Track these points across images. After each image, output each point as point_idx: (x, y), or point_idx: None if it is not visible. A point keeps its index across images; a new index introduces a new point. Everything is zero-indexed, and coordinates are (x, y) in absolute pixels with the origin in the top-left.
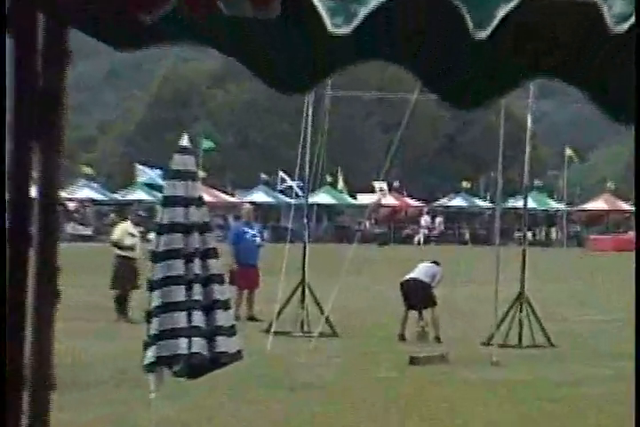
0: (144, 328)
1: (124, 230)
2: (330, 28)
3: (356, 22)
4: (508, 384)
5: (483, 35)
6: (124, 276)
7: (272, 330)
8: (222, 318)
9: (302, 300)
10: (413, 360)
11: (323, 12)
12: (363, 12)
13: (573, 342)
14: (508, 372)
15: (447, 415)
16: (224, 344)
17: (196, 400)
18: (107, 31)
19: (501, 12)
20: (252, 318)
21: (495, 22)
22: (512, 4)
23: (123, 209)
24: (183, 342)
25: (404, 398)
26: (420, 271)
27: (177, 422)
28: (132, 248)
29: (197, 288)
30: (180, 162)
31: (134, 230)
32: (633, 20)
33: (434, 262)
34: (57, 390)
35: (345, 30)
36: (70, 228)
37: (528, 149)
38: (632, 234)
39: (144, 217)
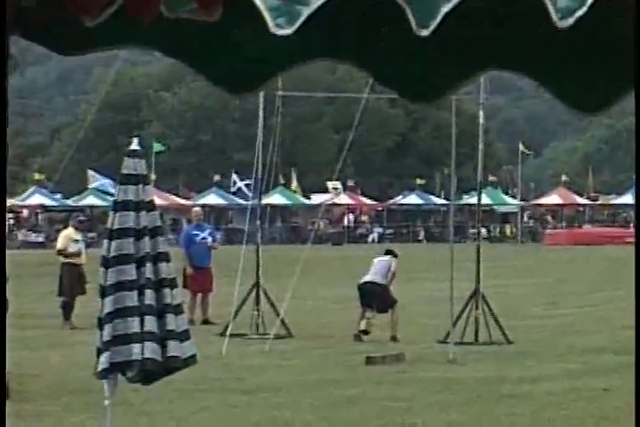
0: (89, 334)
1: (68, 237)
2: (272, 28)
3: (299, 23)
4: (466, 382)
5: (425, 33)
6: (71, 282)
7: (227, 333)
8: (173, 322)
9: (257, 302)
10: (370, 360)
11: (265, 13)
12: (306, 11)
13: (531, 338)
14: (465, 370)
15: (405, 415)
16: (176, 349)
17: (148, 407)
18: (50, 37)
19: (444, 10)
20: (206, 322)
21: (437, 21)
22: (455, 1)
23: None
24: (136, 347)
25: (361, 399)
26: (376, 271)
27: None
28: (77, 255)
29: (149, 293)
30: (130, 166)
31: (78, 236)
32: (580, 13)
33: (388, 253)
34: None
35: (287, 31)
36: (22, 235)
37: (481, 146)
38: (587, 227)
39: (86, 222)
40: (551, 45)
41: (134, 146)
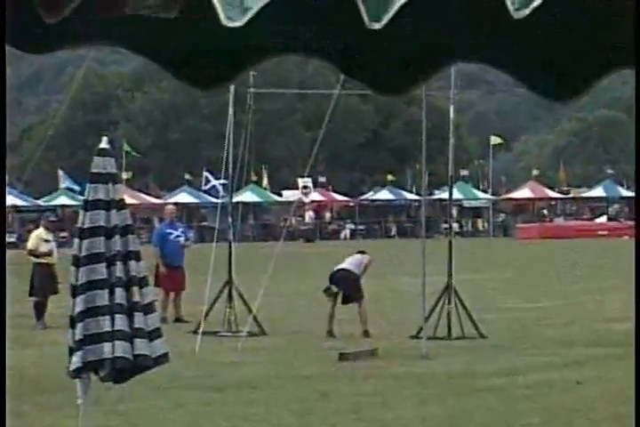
0: (62, 334)
1: (39, 237)
2: (223, 20)
3: (249, 15)
4: (439, 377)
5: (377, 26)
6: (43, 282)
7: (200, 331)
8: (142, 321)
9: (229, 299)
10: (343, 356)
11: (217, 5)
12: (257, 4)
13: (504, 331)
14: (438, 364)
15: (379, 410)
16: (143, 347)
17: (122, 405)
18: (16, 35)
19: (397, 4)
20: (179, 320)
21: (390, 15)
22: None
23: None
24: (107, 346)
25: (334, 395)
26: (350, 262)
27: None
28: (48, 254)
29: (119, 292)
30: (100, 164)
31: (49, 236)
32: (535, 4)
33: (360, 252)
34: None
35: (238, 23)
36: None
37: (452, 140)
38: (558, 221)
39: (57, 222)
40: (515, 34)
41: (103, 144)
